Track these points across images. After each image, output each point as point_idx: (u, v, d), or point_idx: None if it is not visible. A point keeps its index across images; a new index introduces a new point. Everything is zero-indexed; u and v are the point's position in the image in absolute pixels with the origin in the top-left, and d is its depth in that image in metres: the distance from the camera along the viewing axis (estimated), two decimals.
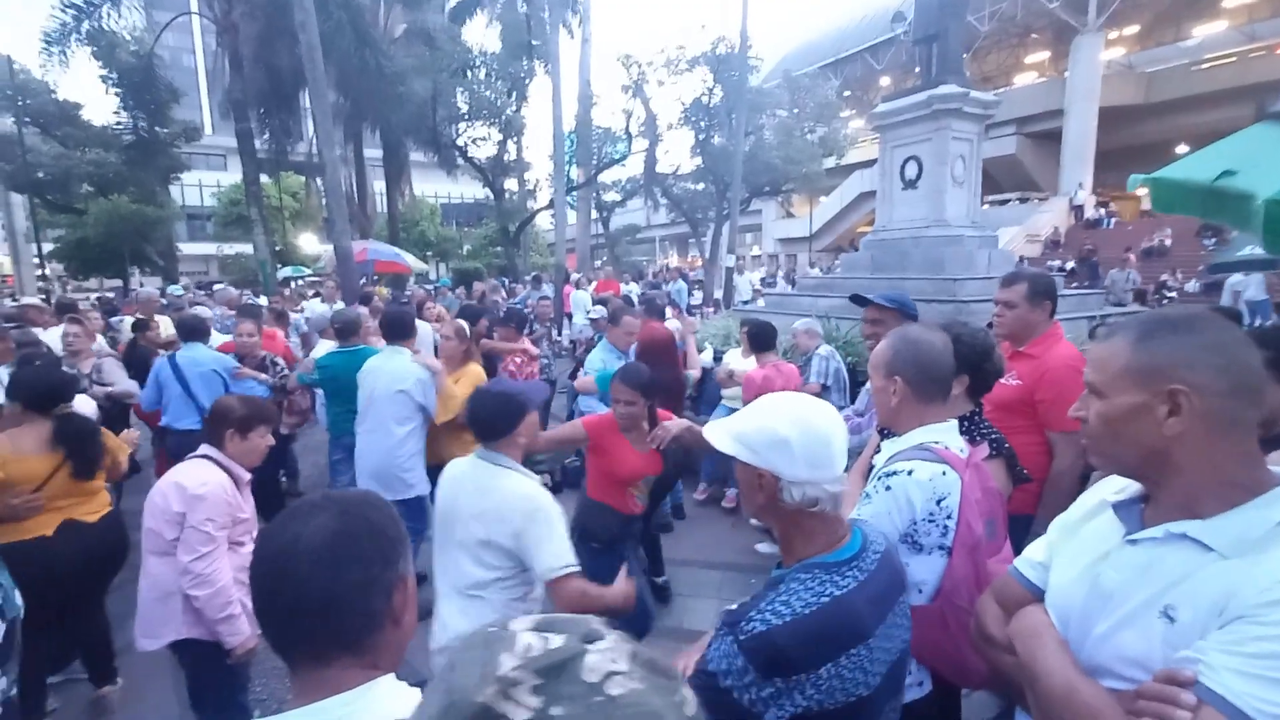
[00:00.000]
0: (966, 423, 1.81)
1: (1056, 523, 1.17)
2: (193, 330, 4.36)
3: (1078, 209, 24.04)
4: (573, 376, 5.17)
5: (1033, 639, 1.04)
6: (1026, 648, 1.05)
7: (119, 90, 17.30)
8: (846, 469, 1.13)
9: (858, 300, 2.71)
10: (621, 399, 2.59)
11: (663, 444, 2.59)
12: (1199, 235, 17.85)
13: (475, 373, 3.98)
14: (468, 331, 4.12)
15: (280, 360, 4.67)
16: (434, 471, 3.64)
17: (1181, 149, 23.93)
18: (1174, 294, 15.90)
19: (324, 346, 4.86)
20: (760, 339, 4.24)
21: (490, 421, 1.99)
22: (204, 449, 2.36)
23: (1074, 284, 13.30)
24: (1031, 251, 21.25)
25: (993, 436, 1.85)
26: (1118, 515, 1.01)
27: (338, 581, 0.78)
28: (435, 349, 4.48)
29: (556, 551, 1.83)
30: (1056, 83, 25.60)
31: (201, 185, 34.17)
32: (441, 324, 4.91)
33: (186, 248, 31.05)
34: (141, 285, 20.70)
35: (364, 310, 5.59)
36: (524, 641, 0.44)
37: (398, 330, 3.69)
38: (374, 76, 14.87)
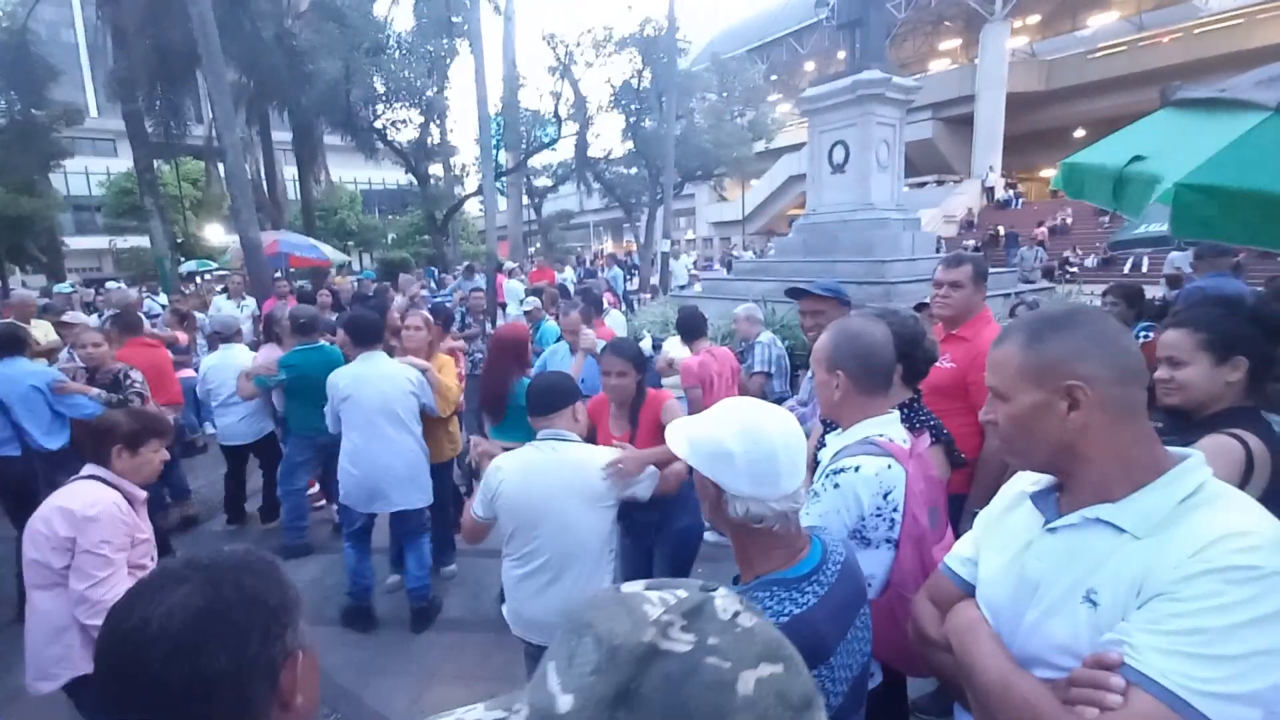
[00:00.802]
0: (907, 410, 1.83)
1: (981, 517, 1.18)
2: (9, 342, 3.82)
3: (989, 190, 25.40)
4: None
5: (967, 635, 1.04)
6: (961, 644, 1.05)
7: None
8: None
9: (794, 294, 2.70)
10: (613, 370, 2.51)
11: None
12: (1096, 214, 19.22)
13: (449, 362, 3.80)
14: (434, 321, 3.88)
15: (136, 374, 4.02)
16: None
17: (1079, 134, 25.62)
18: (1075, 269, 17.08)
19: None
20: (689, 327, 4.22)
21: (559, 392, 2.17)
22: (90, 468, 2.13)
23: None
24: (948, 232, 22.31)
25: (932, 424, 1.87)
26: (1036, 506, 1.02)
27: (203, 670, 0.64)
28: None
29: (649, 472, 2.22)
30: (969, 69, 26.79)
31: (89, 172, 31.20)
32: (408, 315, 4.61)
33: (74, 241, 28.34)
34: (24, 284, 18.76)
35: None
36: (654, 595, 0.47)
37: (368, 336, 3.45)
38: (278, 53, 13.85)
